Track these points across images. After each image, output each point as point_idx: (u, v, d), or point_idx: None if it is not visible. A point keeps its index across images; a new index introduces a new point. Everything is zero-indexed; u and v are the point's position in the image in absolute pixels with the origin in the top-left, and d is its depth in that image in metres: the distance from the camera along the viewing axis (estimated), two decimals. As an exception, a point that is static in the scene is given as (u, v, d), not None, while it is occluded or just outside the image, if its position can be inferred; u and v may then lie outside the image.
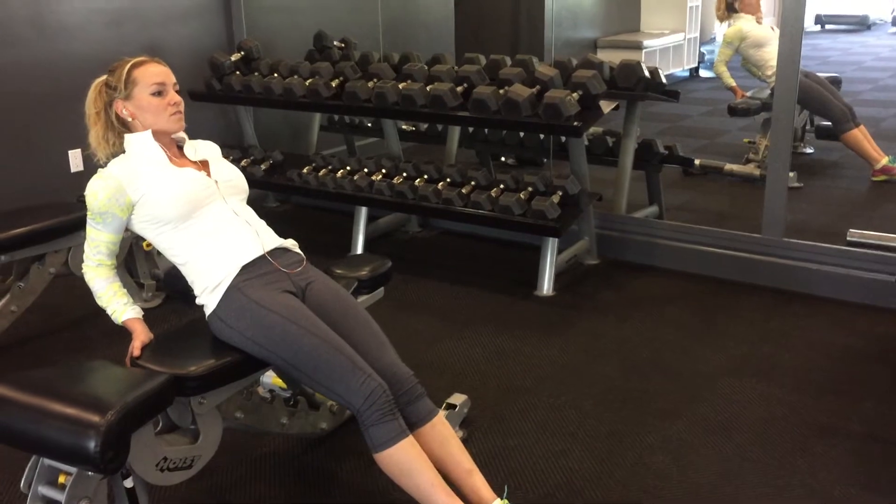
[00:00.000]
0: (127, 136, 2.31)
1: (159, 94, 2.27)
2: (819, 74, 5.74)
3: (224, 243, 2.24)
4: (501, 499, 2.13)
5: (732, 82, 5.68)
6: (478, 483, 2.15)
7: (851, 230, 3.60)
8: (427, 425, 2.19)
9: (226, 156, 2.50)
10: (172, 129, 2.31)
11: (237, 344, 2.19)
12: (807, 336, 3.41)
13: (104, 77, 2.33)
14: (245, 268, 2.23)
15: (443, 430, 2.20)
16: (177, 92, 2.32)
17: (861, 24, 12.81)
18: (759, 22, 5.62)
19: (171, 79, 2.31)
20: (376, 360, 2.20)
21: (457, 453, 2.18)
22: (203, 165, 2.35)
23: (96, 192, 2.20)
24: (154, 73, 2.28)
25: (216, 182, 2.31)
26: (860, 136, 5.38)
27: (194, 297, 2.29)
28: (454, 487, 2.13)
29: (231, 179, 2.37)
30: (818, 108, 5.56)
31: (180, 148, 2.37)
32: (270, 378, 2.73)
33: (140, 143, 2.28)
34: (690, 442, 2.69)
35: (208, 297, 2.24)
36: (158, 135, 2.30)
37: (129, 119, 2.29)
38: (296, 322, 2.15)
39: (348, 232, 4.41)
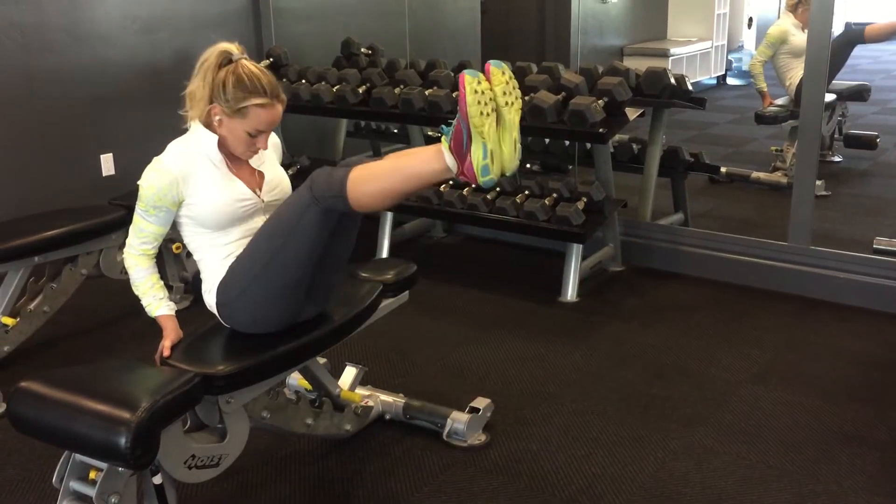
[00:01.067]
0: (196, 126, 2.24)
1: (254, 135, 2.21)
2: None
3: (235, 252, 2.26)
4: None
5: (764, 86, 5.63)
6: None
7: (878, 238, 3.58)
8: None
9: None
10: (241, 157, 2.27)
11: (246, 310, 2.21)
12: (832, 344, 3.39)
13: (231, 67, 2.16)
14: None
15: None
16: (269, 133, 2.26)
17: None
18: (802, 30, 5.58)
19: (276, 125, 2.24)
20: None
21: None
22: (258, 178, 2.30)
23: (152, 185, 2.16)
24: (266, 122, 2.19)
25: (263, 201, 2.29)
26: None
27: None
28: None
29: (277, 200, 2.32)
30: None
31: None
32: (297, 380, 2.78)
33: (205, 142, 2.22)
34: (713, 448, 2.69)
35: (209, 295, 2.28)
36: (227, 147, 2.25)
37: (215, 124, 2.21)
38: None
39: (373, 237, 4.44)
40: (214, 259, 2.26)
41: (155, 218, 2.20)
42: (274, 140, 2.41)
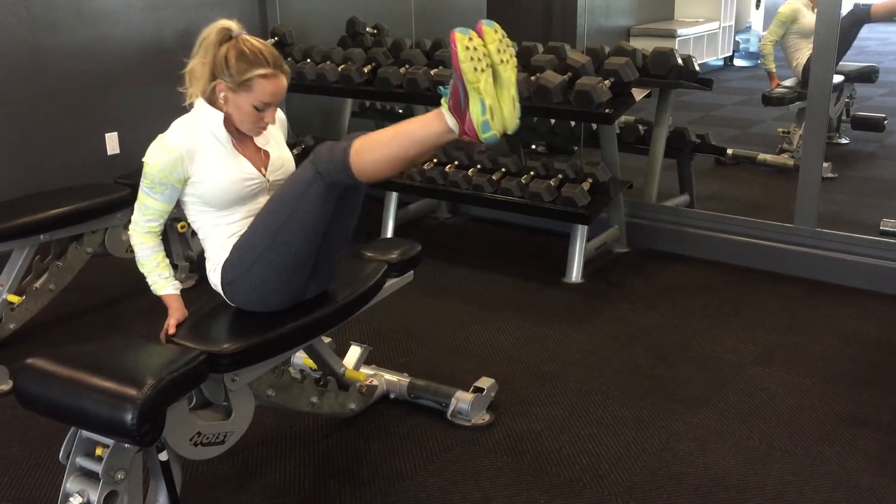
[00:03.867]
0: (201, 102, 2.22)
1: (261, 109, 2.19)
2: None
3: (241, 229, 2.26)
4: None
5: (773, 66, 5.60)
6: None
7: (885, 220, 3.57)
8: None
9: None
10: (249, 134, 2.26)
11: (253, 290, 2.22)
12: (838, 326, 3.39)
13: (232, 42, 2.15)
14: None
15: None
16: (276, 108, 2.25)
17: (901, 14, 12.57)
18: (812, 10, 5.53)
19: (282, 97, 2.22)
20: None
21: None
22: (263, 157, 2.29)
23: (158, 162, 2.15)
24: (270, 93, 2.17)
25: (268, 181, 2.28)
26: None
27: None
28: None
29: (282, 179, 2.30)
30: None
31: None
32: (301, 359, 2.79)
33: (210, 120, 2.21)
34: (717, 429, 2.70)
35: (214, 274, 2.28)
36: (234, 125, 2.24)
37: (221, 101, 2.21)
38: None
39: (378, 217, 4.44)
40: (219, 238, 2.26)
41: (160, 195, 2.19)
42: (281, 117, 2.39)
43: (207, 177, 2.19)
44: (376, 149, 2.07)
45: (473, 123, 1.99)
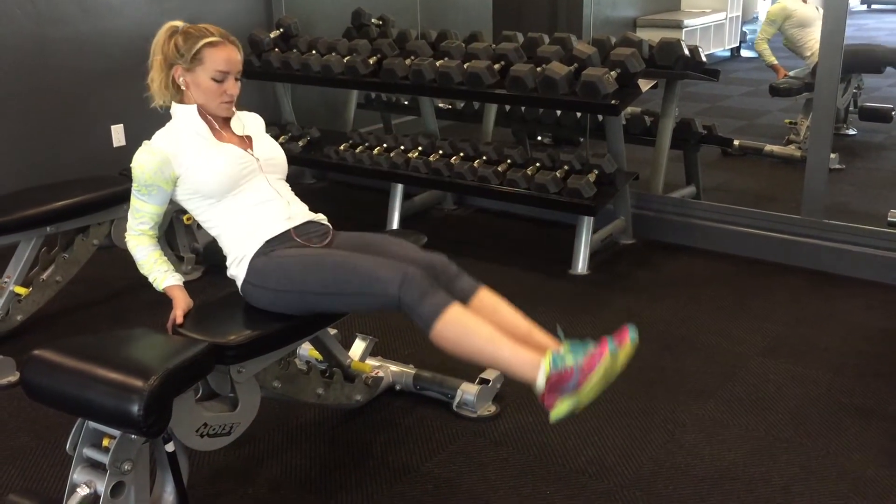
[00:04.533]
0: (175, 106, 2.32)
1: (220, 80, 2.26)
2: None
3: (255, 218, 2.27)
4: (564, 341, 2.06)
5: (774, 60, 5.59)
6: (540, 338, 2.11)
7: (893, 211, 3.56)
8: (474, 299, 2.17)
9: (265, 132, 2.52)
10: (220, 115, 2.33)
11: (273, 304, 2.23)
12: (845, 318, 3.38)
13: (177, 33, 2.26)
14: (270, 241, 2.27)
15: (491, 299, 2.17)
16: (237, 80, 2.30)
17: (909, 4, 12.52)
18: (804, 1, 5.52)
19: (237, 67, 2.29)
20: (406, 256, 2.22)
21: (511, 317, 2.15)
22: (247, 141, 2.37)
23: (143, 165, 2.23)
24: (222, 60, 2.25)
25: (257, 159, 2.33)
26: None
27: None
28: None
29: (273, 157, 2.38)
30: (870, 66, 5.44)
31: (226, 120, 2.38)
32: (307, 350, 2.79)
33: (186, 117, 2.31)
34: (723, 421, 2.69)
35: (237, 268, 2.28)
36: (205, 111, 2.31)
37: (183, 88, 2.29)
38: (316, 254, 2.22)
39: (384, 209, 4.44)
40: (233, 229, 2.28)
41: (149, 197, 2.25)
42: (253, 115, 2.48)
43: (197, 168, 2.24)
44: (461, 340, 2.04)
45: (553, 410, 1.98)
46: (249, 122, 2.44)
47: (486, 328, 2.04)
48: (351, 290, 2.14)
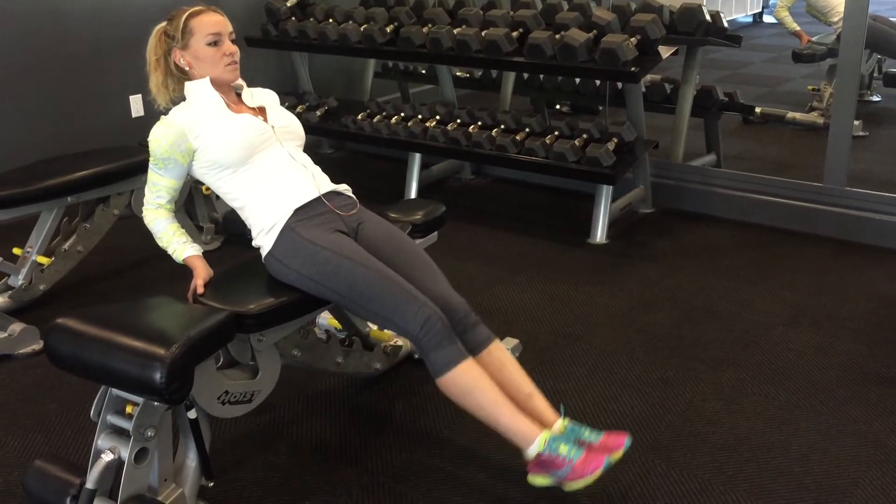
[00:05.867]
0: (187, 84, 2.35)
1: (215, 44, 2.29)
2: (891, 19, 5.52)
3: (280, 187, 2.29)
4: (562, 418, 2.15)
5: (796, 26, 5.51)
6: (539, 405, 2.17)
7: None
8: (484, 352, 2.21)
9: (281, 102, 2.52)
10: (228, 79, 2.35)
11: (293, 282, 2.24)
12: (867, 287, 3.35)
13: (164, 25, 2.36)
14: (299, 210, 2.27)
15: (501, 355, 2.23)
16: (232, 41, 2.34)
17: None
18: None
19: (227, 28, 2.33)
20: (429, 289, 2.23)
21: (517, 377, 2.20)
22: (260, 111, 2.38)
23: (159, 139, 2.25)
24: (209, 23, 2.29)
25: (273, 127, 2.34)
26: None
27: (251, 240, 2.34)
28: None
29: (288, 125, 2.40)
30: (889, 50, 5.36)
31: (238, 95, 2.41)
32: (326, 319, 2.80)
33: (200, 91, 2.33)
34: (742, 389, 2.69)
35: (264, 238, 2.29)
36: (216, 83, 2.33)
37: (187, 68, 2.33)
38: (348, 257, 2.20)
39: (402, 178, 4.43)
40: (258, 198, 2.29)
41: (165, 171, 2.28)
42: (266, 90, 2.51)
43: (214, 138, 2.25)
44: (467, 397, 2.11)
45: (532, 477, 2.07)
46: (261, 95, 2.46)
47: (491, 391, 2.11)
48: (372, 309, 2.18)
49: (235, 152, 2.26)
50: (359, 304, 2.19)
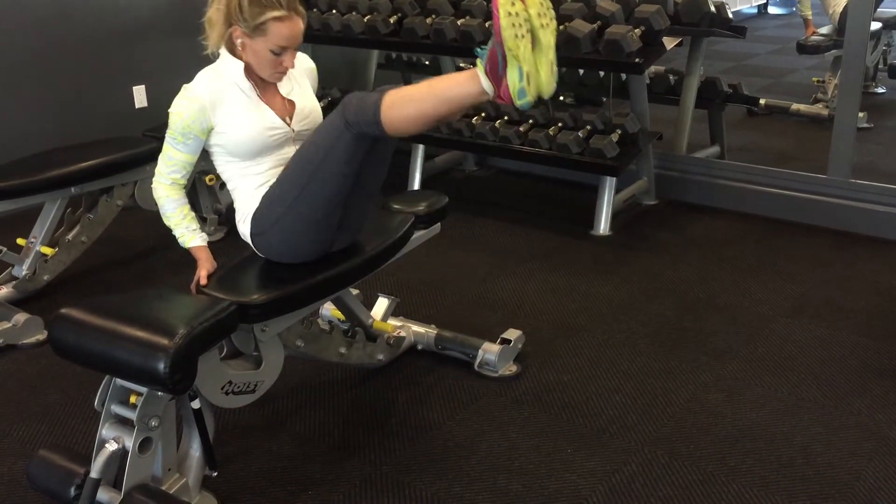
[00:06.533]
0: (224, 54, 2.21)
1: (279, 54, 2.17)
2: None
3: (268, 179, 2.26)
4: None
5: (809, 13, 5.48)
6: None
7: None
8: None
9: None
10: (269, 80, 2.24)
11: (281, 244, 2.23)
12: (870, 279, 3.34)
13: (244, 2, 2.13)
14: None
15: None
16: (295, 51, 2.22)
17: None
18: None
19: (299, 41, 2.20)
20: None
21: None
22: (288, 107, 2.28)
23: (181, 112, 2.16)
24: (285, 37, 2.14)
25: (293, 130, 2.27)
26: None
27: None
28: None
29: (307, 129, 2.29)
30: None
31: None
32: (330, 310, 2.81)
33: (233, 70, 2.21)
34: (745, 381, 2.69)
35: (243, 225, 2.29)
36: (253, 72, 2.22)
37: (239, 49, 2.19)
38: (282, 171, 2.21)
39: (405, 170, 4.43)
40: (248, 188, 2.27)
41: (184, 146, 2.20)
42: (309, 65, 2.39)
43: (231, 127, 2.19)
44: (407, 105, 2.06)
45: (510, 89, 1.98)
46: (298, 76, 2.33)
47: (421, 86, 2.09)
48: (313, 160, 2.14)
49: (247, 149, 2.21)
50: (308, 172, 2.15)
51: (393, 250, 2.52)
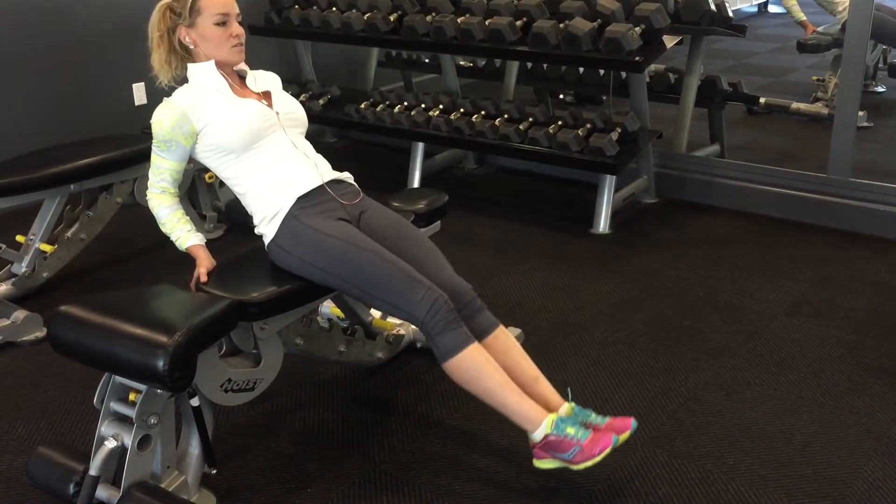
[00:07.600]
0: (190, 67, 2.33)
1: (222, 24, 2.27)
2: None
3: (282, 174, 2.28)
4: (568, 402, 2.16)
5: (802, 16, 5.48)
6: (545, 389, 2.19)
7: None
8: (490, 337, 2.21)
9: (284, 90, 2.51)
10: (233, 61, 2.33)
11: (297, 270, 2.24)
12: (870, 278, 3.34)
13: (169, 0, 2.31)
14: (301, 198, 2.27)
15: (505, 340, 2.23)
16: (240, 23, 2.33)
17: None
18: None
19: (235, 10, 2.31)
20: (435, 275, 2.23)
21: (522, 361, 2.21)
22: (265, 96, 2.37)
23: (161, 120, 2.24)
24: (218, 4, 2.27)
25: (277, 113, 2.33)
26: None
27: (254, 228, 2.34)
28: None
29: (292, 112, 2.39)
30: (894, 40, 5.33)
31: (242, 78, 2.40)
32: (329, 308, 2.81)
33: (203, 73, 2.31)
34: (744, 379, 2.69)
35: (266, 226, 2.29)
36: (220, 65, 2.32)
37: (192, 47, 2.30)
38: (353, 243, 2.20)
39: (405, 168, 4.43)
40: (261, 185, 2.28)
41: (168, 153, 2.27)
42: (269, 74, 2.48)
43: (217, 122, 2.24)
44: (475, 380, 2.12)
45: (538, 462, 2.11)
46: (264, 79, 2.44)
47: (498, 375, 2.12)
48: (377, 295, 2.18)
49: (239, 137, 2.25)
50: (364, 290, 2.19)
51: (392, 248, 2.51)
